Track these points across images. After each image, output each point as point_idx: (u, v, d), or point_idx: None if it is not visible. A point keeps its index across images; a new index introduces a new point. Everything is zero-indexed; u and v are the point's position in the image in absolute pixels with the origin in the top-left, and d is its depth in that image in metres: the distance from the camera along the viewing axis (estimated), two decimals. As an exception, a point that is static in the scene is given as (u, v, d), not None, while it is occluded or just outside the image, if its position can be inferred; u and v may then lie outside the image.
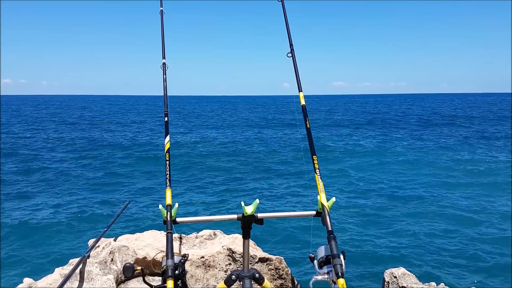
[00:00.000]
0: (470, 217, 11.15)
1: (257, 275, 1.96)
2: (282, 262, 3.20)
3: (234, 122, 47.41)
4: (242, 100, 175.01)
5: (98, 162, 20.61)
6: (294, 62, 2.53)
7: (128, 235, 3.23)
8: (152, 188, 14.91)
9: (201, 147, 25.86)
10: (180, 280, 1.82)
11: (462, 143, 26.21)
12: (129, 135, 33.42)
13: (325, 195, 1.96)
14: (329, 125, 41.78)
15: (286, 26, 2.69)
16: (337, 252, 1.74)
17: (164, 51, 2.74)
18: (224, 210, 12.01)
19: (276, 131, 36.36)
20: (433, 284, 3.28)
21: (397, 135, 31.64)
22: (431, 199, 12.99)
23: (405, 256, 8.69)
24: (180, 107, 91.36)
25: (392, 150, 23.73)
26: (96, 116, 59.59)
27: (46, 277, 2.66)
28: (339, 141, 28.18)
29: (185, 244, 3.25)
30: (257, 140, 29.52)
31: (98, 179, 16.54)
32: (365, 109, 75.62)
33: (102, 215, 11.59)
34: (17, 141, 28.54)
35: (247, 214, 1.93)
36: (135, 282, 2.86)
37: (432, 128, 36.53)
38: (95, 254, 2.95)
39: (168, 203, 2.03)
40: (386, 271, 3.47)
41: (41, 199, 13.37)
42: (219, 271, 3.02)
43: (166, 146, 2.28)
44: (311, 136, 2.23)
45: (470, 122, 42.50)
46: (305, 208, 2.10)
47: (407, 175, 16.83)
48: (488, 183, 15.00)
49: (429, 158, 20.52)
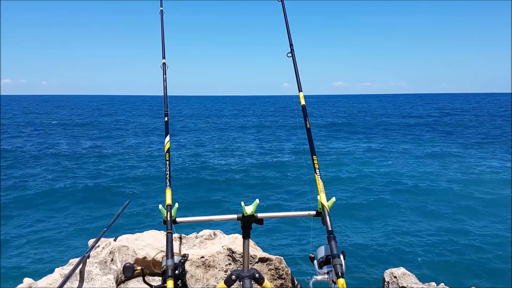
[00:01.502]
0: (471, 218, 11.15)
1: (257, 275, 1.96)
2: (282, 262, 3.20)
3: (234, 122, 47.41)
4: (242, 100, 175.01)
5: (98, 162, 20.61)
6: (294, 62, 2.53)
7: (128, 235, 3.23)
8: (152, 188, 14.91)
9: (201, 147, 25.87)
10: (180, 280, 1.81)
11: (463, 143, 26.21)
12: (129, 135, 33.43)
13: (325, 195, 1.96)
14: (329, 125, 41.78)
15: (286, 26, 2.69)
16: (337, 252, 1.73)
17: (164, 51, 2.74)
18: (224, 210, 12.01)
19: (276, 131, 36.37)
20: (433, 284, 3.28)
21: (397, 135, 31.64)
22: (431, 199, 12.99)
23: (405, 256, 8.69)
24: (180, 107, 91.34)
25: (392, 150, 23.74)
26: (96, 116, 59.60)
27: (46, 277, 2.66)
28: (339, 141, 28.18)
29: (185, 244, 3.25)
30: (257, 140, 29.52)
31: (98, 179, 16.54)
32: (365, 109, 75.62)
33: (102, 215, 11.60)
34: (17, 140, 28.55)
35: (247, 214, 1.93)
36: (135, 282, 2.86)
37: (432, 128, 36.53)
38: (95, 254, 2.95)
39: (168, 203, 2.02)
40: (386, 271, 3.47)
41: (41, 199, 13.37)
42: (219, 271, 3.02)
43: (166, 146, 2.28)
44: (311, 136, 2.23)
45: (470, 122, 42.48)
46: (305, 208, 2.09)
47: (407, 175, 16.82)
48: (488, 183, 15.00)
49: (430, 159, 20.52)
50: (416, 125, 40.03)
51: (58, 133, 34.42)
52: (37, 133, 34.37)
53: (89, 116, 58.40)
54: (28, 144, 27.32)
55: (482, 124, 39.17)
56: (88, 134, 33.78)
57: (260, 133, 34.85)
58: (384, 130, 35.75)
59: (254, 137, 31.50)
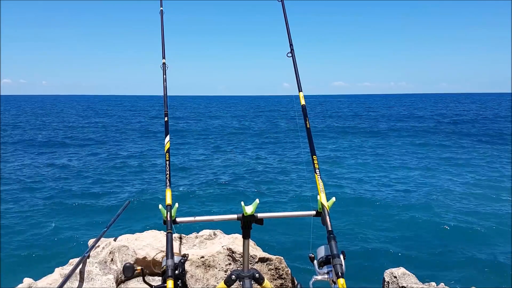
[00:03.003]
0: (471, 218, 11.14)
1: (257, 275, 1.96)
2: (282, 262, 3.21)
3: (234, 122, 47.41)
4: (242, 100, 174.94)
5: (98, 162, 20.61)
6: (294, 62, 2.53)
7: (128, 235, 3.23)
8: (152, 188, 14.91)
9: (201, 147, 25.87)
10: (180, 280, 1.81)
11: (463, 143, 26.20)
12: (129, 134, 33.43)
13: (325, 195, 1.96)
14: (329, 125, 41.78)
15: (286, 26, 2.69)
16: (337, 252, 1.73)
17: (164, 51, 2.74)
18: (224, 210, 12.00)
19: (276, 131, 36.37)
20: (433, 284, 3.28)
21: (397, 136, 31.64)
22: (431, 199, 12.98)
23: (405, 256, 8.69)
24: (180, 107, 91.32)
25: (392, 150, 23.74)
26: (96, 115, 59.60)
27: (46, 277, 2.66)
28: (339, 141, 28.18)
29: (185, 244, 3.25)
30: (257, 140, 29.52)
31: (98, 178, 16.53)
32: (365, 110, 75.61)
33: (102, 215, 11.59)
34: (16, 137, 28.56)
35: (247, 214, 1.93)
36: (135, 282, 2.86)
37: (432, 129, 36.52)
38: (95, 254, 2.95)
39: (168, 203, 2.02)
40: (386, 271, 3.47)
41: (40, 199, 13.37)
42: (219, 271, 3.02)
43: (166, 146, 2.28)
44: (311, 136, 2.23)
45: (470, 123, 42.48)
46: (305, 208, 2.09)
47: (408, 175, 16.82)
48: (489, 183, 14.99)
49: (430, 159, 20.51)
50: (418, 125, 40.03)
51: (58, 133, 34.43)
52: (37, 133, 34.39)
53: (89, 116, 58.42)
54: (28, 143, 27.33)
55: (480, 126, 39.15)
56: (88, 134, 33.77)
57: (260, 132, 34.86)
58: (385, 130, 35.74)
59: (254, 137, 31.50)
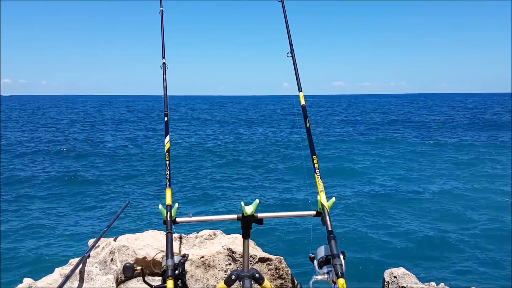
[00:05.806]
0: (471, 218, 11.14)
1: (257, 275, 1.96)
2: (282, 262, 3.20)
3: (234, 122, 47.41)
4: (242, 100, 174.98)
5: (98, 162, 20.62)
6: (294, 62, 2.53)
7: (128, 235, 3.23)
8: (152, 188, 14.91)
9: (201, 147, 25.87)
10: (180, 280, 1.81)
11: (464, 144, 26.20)
12: (129, 135, 33.43)
13: (325, 195, 1.96)
14: (329, 125, 41.78)
15: (286, 26, 2.69)
16: (337, 252, 1.73)
17: (164, 51, 2.73)
18: (224, 210, 12.01)
19: (276, 131, 36.37)
20: (433, 284, 3.28)
21: (397, 136, 31.63)
22: (431, 199, 12.98)
23: (405, 256, 8.68)
24: (180, 107, 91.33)
25: (392, 150, 23.73)
26: (96, 115, 59.59)
27: (46, 277, 2.66)
28: (340, 141, 28.18)
29: (185, 244, 3.25)
30: (257, 140, 29.51)
31: (98, 179, 16.54)
32: (365, 110, 75.59)
33: (102, 215, 11.60)
34: (17, 139, 28.55)
35: (247, 214, 1.92)
36: (135, 282, 2.86)
37: (432, 129, 36.52)
38: (95, 254, 2.95)
39: (168, 203, 2.02)
40: (386, 271, 3.46)
41: (40, 199, 13.37)
42: (219, 271, 3.02)
43: (166, 146, 2.28)
44: (311, 136, 2.23)
45: (470, 123, 42.48)
46: (305, 208, 2.09)
47: (407, 175, 16.82)
48: (489, 184, 14.99)
49: (430, 159, 20.50)
50: (419, 125, 40.03)
51: (57, 133, 34.42)
52: (37, 132, 34.38)
53: (89, 116, 58.41)
54: (27, 143, 27.32)
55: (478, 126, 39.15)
56: (88, 134, 33.77)
57: (260, 133, 34.86)
58: (385, 130, 35.75)
59: (254, 137, 31.50)
